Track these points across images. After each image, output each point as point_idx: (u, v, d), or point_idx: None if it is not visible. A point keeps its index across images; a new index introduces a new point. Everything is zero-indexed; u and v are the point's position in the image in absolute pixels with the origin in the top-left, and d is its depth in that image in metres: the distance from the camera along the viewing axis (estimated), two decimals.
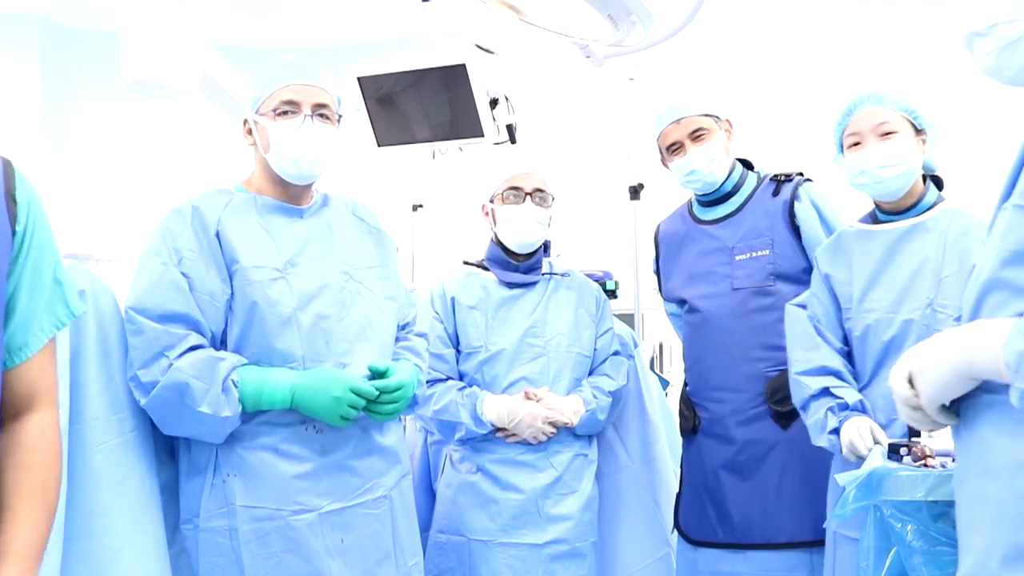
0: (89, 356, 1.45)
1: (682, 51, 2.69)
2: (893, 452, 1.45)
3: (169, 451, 1.63)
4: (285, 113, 1.64)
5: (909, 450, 1.43)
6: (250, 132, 1.68)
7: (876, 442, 1.62)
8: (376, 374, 1.64)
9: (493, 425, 1.99)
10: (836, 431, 1.71)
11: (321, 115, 1.66)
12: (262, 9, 4.39)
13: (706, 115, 2.10)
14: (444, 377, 2.05)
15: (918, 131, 1.78)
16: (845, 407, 1.72)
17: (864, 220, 1.88)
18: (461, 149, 2.79)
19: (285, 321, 1.58)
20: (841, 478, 1.55)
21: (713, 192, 2.13)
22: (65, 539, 1.35)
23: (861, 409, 1.72)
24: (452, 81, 2.57)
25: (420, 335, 1.84)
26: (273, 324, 1.57)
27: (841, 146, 1.83)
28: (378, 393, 1.60)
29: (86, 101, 4.49)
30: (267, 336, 1.57)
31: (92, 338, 1.46)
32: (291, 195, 1.69)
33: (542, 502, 1.98)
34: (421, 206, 3.30)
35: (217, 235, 1.58)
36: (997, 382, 0.98)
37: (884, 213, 1.83)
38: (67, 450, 1.37)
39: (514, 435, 2.00)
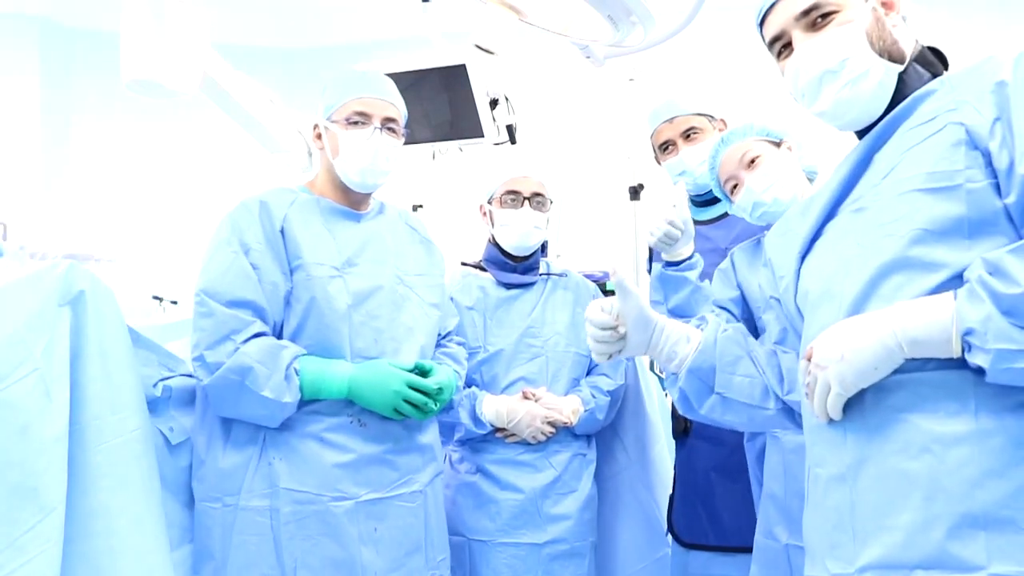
0: (89, 356, 1.45)
1: (682, 51, 2.69)
2: None
3: (171, 448, 1.64)
4: (356, 123, 1.73)
5: None
6: (319, 137, 1.78)
7: None
8: (420, 372, 1.72)
9: (492, 425, 2.00)
10: None
11: (389, 128, 1.76)
12: (262, 9, 4.39)
13: (700, 114, 2.10)
14: None
15: (777, 144, 1.76)
16: None
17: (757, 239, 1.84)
18: (461, 149, 2.79)
19: (340, 317, 1.66)
20: None
21: (706, 192, 2.12)
22: (65, 539, 1.34)
23: None
24: (452, 81, 2.57)
25: (461, 343, 1.95)
26: (329, 319, 1.65)
27: (729, 199, 1.80)
28: (437, 388, 1.70)
29: (86, 101, 4.49)
30: (322, 330, 1.65)
31: (92, 338, 1.46)
32: (352, 201, 1.80)
33: (541, 502, 1.98)
34: (421, 206, 3.31)
35: (282, 231, 1.67)
36: (911, 361, 0.99)
37: None
38: (67, 450, 1.37)
39: (513, 435, 2.01)
